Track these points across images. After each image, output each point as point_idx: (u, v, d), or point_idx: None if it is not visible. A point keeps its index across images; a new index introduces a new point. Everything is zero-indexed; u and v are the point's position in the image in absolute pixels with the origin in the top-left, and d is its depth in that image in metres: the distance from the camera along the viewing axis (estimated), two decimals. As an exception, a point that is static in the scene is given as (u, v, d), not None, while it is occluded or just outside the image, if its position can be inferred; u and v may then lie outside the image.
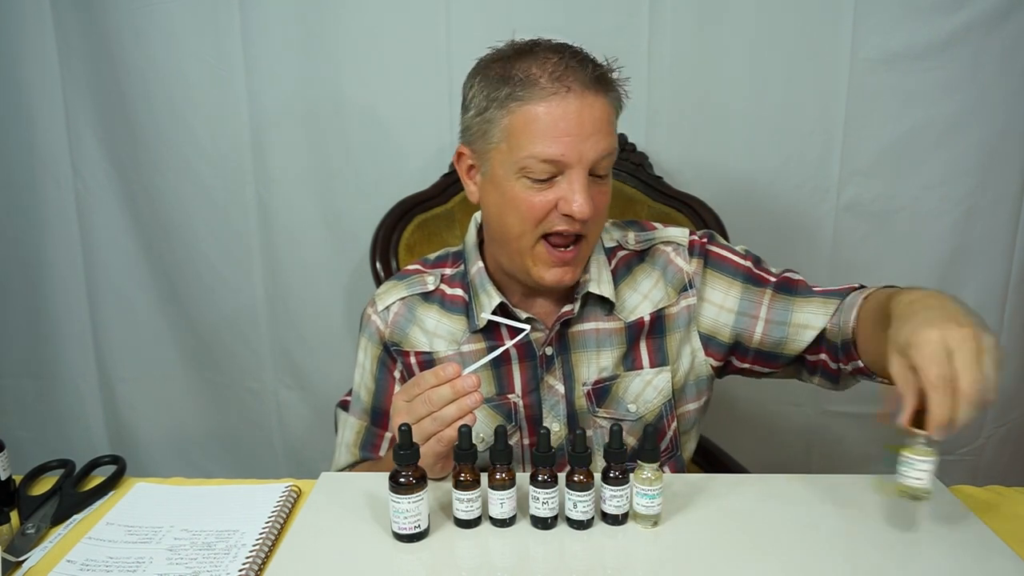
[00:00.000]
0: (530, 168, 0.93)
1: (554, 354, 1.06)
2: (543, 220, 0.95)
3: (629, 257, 1.10)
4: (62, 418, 1.85)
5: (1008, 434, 1.70)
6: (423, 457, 0.83)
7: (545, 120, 0.92)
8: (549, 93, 0.91)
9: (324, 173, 1.63)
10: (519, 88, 0.92)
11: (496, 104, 0.94)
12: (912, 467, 0.77)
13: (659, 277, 1.08)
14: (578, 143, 0.92)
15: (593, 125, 0.92)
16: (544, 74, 0.92)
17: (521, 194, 0.95)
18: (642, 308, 1.07)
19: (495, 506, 0.82)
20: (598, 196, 0.96)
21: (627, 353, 1.07)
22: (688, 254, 1.09)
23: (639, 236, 1.12)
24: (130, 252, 1.73)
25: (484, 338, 1.07)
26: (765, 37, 1.50)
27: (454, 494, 0.82)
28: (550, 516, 0.82)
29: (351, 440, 1.11)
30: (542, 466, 0.81)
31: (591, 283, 1.05)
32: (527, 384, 1.06)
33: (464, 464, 0.82)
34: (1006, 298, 1.60)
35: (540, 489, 0.81)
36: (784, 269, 1.10)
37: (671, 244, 1.10)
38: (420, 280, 1.12)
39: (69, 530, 0.87)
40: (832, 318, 1.02)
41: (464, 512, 0.82)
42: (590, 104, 0.92)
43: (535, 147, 0.92)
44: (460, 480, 0.82)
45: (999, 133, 1.51)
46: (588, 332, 1.06)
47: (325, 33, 1.55)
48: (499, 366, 1.06)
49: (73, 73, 1.63)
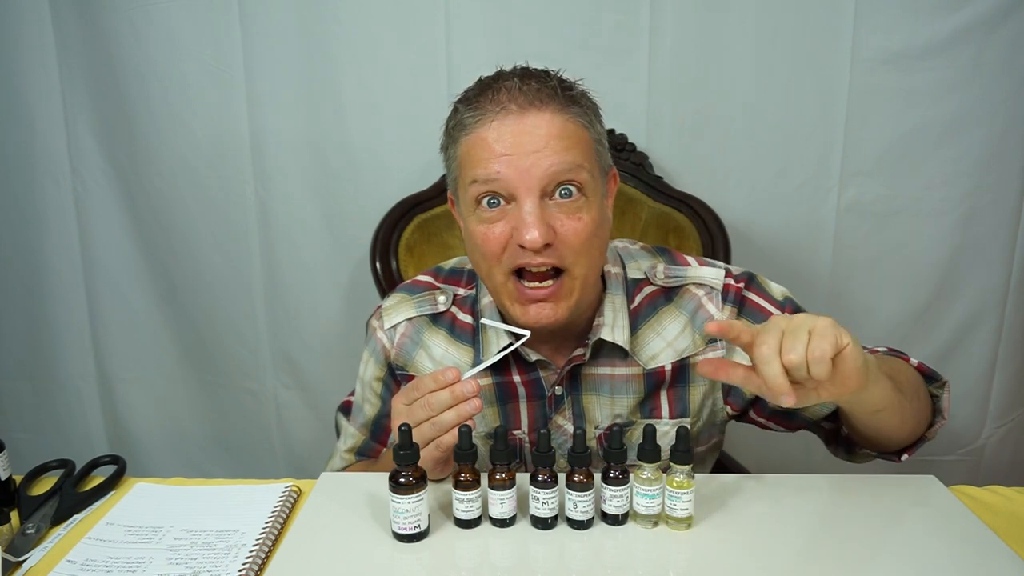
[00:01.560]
0: (478, 198, 0.88)
1: (564, 394, 1.01)
2: (502, 254, 0.89)
3: (656, 295, 1.02)
4: (62, 418, 1.85)
5: (1008, 434, 1.70)
6: (421, 461, 0.82)
7: (483, 144, 0.87)
8: (487, 116, 0.87)
9: (323, 173, 1.63)
10: (463, 116, 0.89)
11: (449, 138, 0.92)
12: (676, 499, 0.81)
13: (686, 323, 1.00)
14: (516, 161, 0.85)
15: (535, 142, 0.85)
16: (485, 99, 0.88)
17: (476, 228, 0.90)
18: (664, 356, 1.00)
19: (495, 506, 0.82)
20: (568, 220, 0.87)
21: (644, 401, 1.01)
22: (721, 300, 1.01)
23: (669, 271, 1.03)
24: (129, 252, 1.73)
25: (492, 372, 1.01)
26: (765, 37, 1.50)
27: (454, 494, 0.82)
28: (550, 516, 0.82)
29: (349, 447, 1.10)
30: (542, 466, 0.81)
31: (604, 328, 0.98)
32: (534, 423, 1.02)
33: (464, 464, 0.82)
34: (1006, 298, 1.60)
35: (540, 489, 0.81)
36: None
37: (704, 287, 1.01)
38: (431, 299, 1.06)
39: (69, 530, 0.87)
40: None
41: (464, 512, 0.82)
42: (532, 121, 0.86)
43: (475, 171, 0.87)
44: (460, 480, 0.82)
45: (999, 133, 1.51)
46: (602, 377, 1.00)
47: (325, 33, 1.54)
48: (506, 403, 1.02)
49: (72, 73, 1.63)
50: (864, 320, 1.63)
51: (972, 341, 1.63)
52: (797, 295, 1.05)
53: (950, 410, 0.98)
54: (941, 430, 0.98)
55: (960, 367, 1.63)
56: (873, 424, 0.91)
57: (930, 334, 1.63)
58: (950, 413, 0.98)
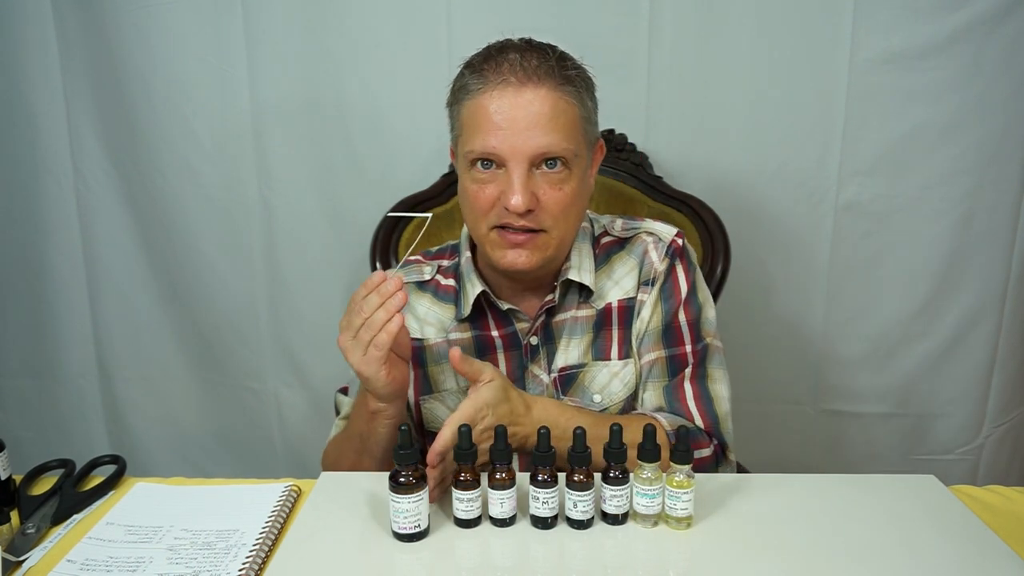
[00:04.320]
0: (473, 160, 0.96)
1: (539, 344, 1.07)
2: (489, 212, 0.98)
3: (611, 244, 1.11)
4: (62, 418, 1.86)
5: (1007, 433, 1.70)
6: (367, 367, 0.89)
7: (484, 113, 0.94)
8: (488, 85, 0.94)
9: (325, 173, 1.63)
10: (468, 81, 0.96)
11: (454, 98, 0.99)
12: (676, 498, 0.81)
13: (634, 266, 1.09)
14: (510, 136, 0.93)
15: (529, 119, 0.93)
16: (488, 67, 0.95)
17: (470, 187, 0.99)
18: (612, 294, 1.08)
19: (495, 506, 0.82)
20: (551, 190, 0.96)
21: (595, 341, 1.07)
22: (664, 251, 1.08)
23: (626, 224, 1.13)
24: (131, 251, 1.73)
25: (471, 326, 1.09)
26: (765, 37, 1.50)
27: (454, 494, 0.82)
28: (550, 516, 0.82)
29: (344, 414, 1.12)
30: (542, 465, 0.82)
31: (571, 270, 1.06)
32: (512, 373, 1.07)
33: (464, 464, 0.82)
34: (1005, 298, 1.60)
35: (540, 489, 0.81)
36: (703, 343, 1.07)
37: (653, 236, 1.10)
38: (418, 270, 1.15)
39: (69, 530, 0.87)
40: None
41: (464, 512, 0.83)
42: (528, 97, 0.93)
43: (474, 141, 0.95)
44: (460, 480, 0.82)
45: (999, 133, 1.51)
46: (567, 320, 1.08)
47: (327, 33, 1.55)
48: (485, 355, 1.08)
49: (74, 73, 1.63)
50: (863, 320, 1.63)
51: (971, 340, 1.63)
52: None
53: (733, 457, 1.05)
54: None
55: (959, 366, 1.63)
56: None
57: (929, 333, 1.63)
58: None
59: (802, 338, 1.65)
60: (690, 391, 1.04)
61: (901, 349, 1.64)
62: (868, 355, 1.65)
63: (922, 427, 1.68)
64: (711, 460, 1.01)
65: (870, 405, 1.67)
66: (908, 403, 1.67)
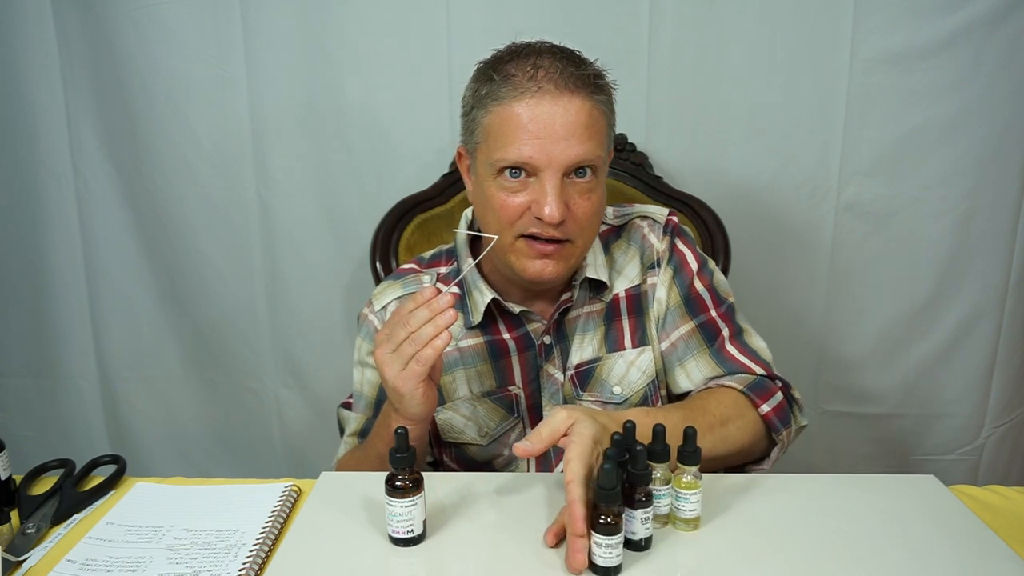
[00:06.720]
0: (504, 169, 0.94)
1: (552, 343, 1.06)
2: (517, 221, 0.96)
3: (607, 233, 1.11)
4: (62, 417, 1.85)
5: (1007, 433, 1.70)
6: (403, 384, 0.86)
7: (517, 121, 0.92)
8: (523, 93, 0.91)
9: (325, 173, 1.63)
10: (497, 87, 0.93)
11: (479, 103, 0.96)
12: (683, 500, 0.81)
13: (635, 253, 1.10)
14: (548, 146, 0.91)
15: (566, 128, 0.91)
16: (521, 74, 0.92)
17: (497, 194, 0.96)
18: (618, 284, 1.08)
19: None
20: (580, 199, 0.95)
21: (608, 333, 1.07)
22: (662, 231, 1.09)
23: (618, 211, 1.13)
24: (131, 251, 1.73)
25: (482, 332, 1.08)
26: (765, 37, 1.50)
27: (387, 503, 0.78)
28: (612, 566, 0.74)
29: (352, 431, 1.11)
30: (606, 504, 0.72)
31: (588, 268, 1.06)
32: (527, 374, 1.07)
33: (402, 468, 0.78)
34: (1005, 297, 1.60)
35: (603, 536, 0.73)
36: (726, 303, 1.09)
37: (648, 219, 1.11)
38: (416, 279, 1.12)
39: (69, 530, 0.87)
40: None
41: (400, 528, 0.78)
42: (564, 106, 0.91)
43: (507, 149, 0.92)
44: (396, 485, 0.77)
45: (999, 133, 1.51)
46: (579, 317, 1.08)
47: (326, 33, 1.55)
48: (498, 359, 1.07)
49: (74, 73, 1.63)
50: (863, 320, 1.63)
51: (971, 340, 1.63)
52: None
53: (792, 439, 1.04)
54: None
55: (959, 366, 1.63)
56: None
57: (929, 333, 1.63)
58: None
59: (802, 338, 1.64)
60: (736, 351, 1.05)
61: (901, 349, 1.64)
62: (868, 355, 1.65)
63: (922, 427, 1.68)
64: (786, 403, 1.02)
65: (870, 405, 1.68)
66: (908, 403, 1.67)
